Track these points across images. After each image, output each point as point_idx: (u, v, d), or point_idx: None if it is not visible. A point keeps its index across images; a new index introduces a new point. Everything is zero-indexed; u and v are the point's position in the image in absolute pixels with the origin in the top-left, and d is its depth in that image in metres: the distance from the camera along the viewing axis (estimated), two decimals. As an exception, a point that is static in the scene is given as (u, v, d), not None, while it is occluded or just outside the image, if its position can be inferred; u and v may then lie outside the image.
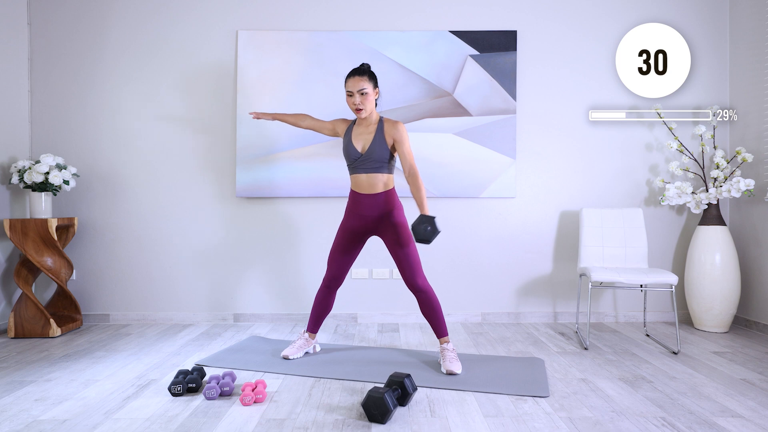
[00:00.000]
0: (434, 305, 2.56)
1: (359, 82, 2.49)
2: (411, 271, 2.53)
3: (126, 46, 3.57)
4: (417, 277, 2.54)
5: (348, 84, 2.51)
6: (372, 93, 2.52)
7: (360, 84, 2.48)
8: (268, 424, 1.89)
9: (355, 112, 2.53)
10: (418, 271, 2.55)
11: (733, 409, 2.04)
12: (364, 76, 2.50)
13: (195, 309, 3.59)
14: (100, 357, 2.74)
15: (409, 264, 2.53)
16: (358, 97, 2.49)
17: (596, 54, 3.61)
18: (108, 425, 1.87)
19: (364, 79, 2.50)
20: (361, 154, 2.54)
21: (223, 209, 3.59)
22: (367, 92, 2.49)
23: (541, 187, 3.63)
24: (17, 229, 3.14)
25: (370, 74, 2.54)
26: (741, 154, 3.33)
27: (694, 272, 3.35)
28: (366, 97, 2.50)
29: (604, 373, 2.48)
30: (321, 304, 2.73)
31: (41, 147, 3.54)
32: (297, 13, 3.58)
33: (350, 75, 2.52)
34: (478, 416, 1.96)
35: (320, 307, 2.73)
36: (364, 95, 2.49)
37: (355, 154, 2.56)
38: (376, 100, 2.58)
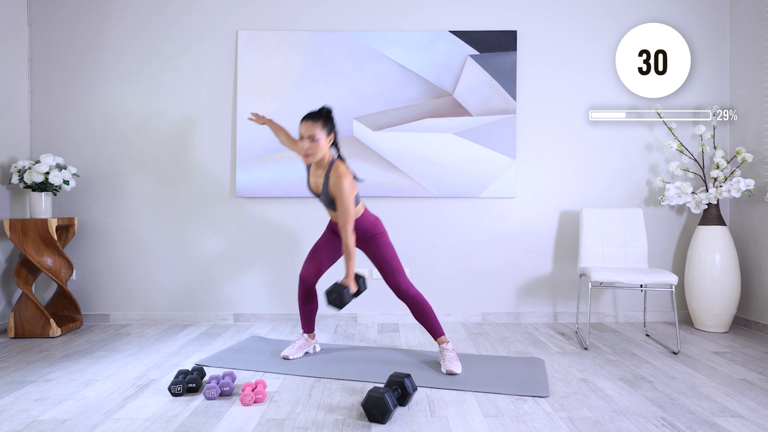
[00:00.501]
0: (425, 308, 2.57)
1: (312, 128, 2.40)
2: (393, 276, 2.56)
3: (126, 46, 3.57)
4: (400, 280, 2.56)
5: (301, 127, 2.43)
6: (324, 140, 2.42)
7: (312, 130, 2.40)
8: (268, 424, 1.89)
9: (303, 157, 2.46)
10: (401, 275, 2.57)
11: (733, 409, 2.04)
12: (318, 121, 2.42)
13: (195, 309, 3.59)
14: (100, 357, 2.74)
15: (391, 270, 2.56)
16: (308, 143, 2.41)
17: (596, 54, 3.61)
18: (108, 425, 1.87)
19: (318, 126, 2.41)
20: (316, 194, 2.56)
21: (223, 209, 3.59)
22: (318, 139, 2.40)
23: (541, 187, 3.63)
24: (17, 229, 3.14)
25: (326, 119, 2.45)
26: (741, 154, 3.33)
27: (694, 272, 3.35)
28: (316, 144, 2.40)
29: (604, 373, 2.48)
30: (303, 303, 2.72)
31: (41, 147, 3.54)
32: (297, 13, 3.58)
33: (304, 118, 2.44)
34: (478, 416, 1.96)
35: (304, 306, 2.73)
36: (315, 142, 2.41)
37: (311, 191, 2.59)
38: (334, 143, 2.52)
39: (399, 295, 2.58)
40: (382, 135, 3.54)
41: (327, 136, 2.44)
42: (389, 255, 2.57)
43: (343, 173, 2.39)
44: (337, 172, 2.40)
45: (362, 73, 3.54)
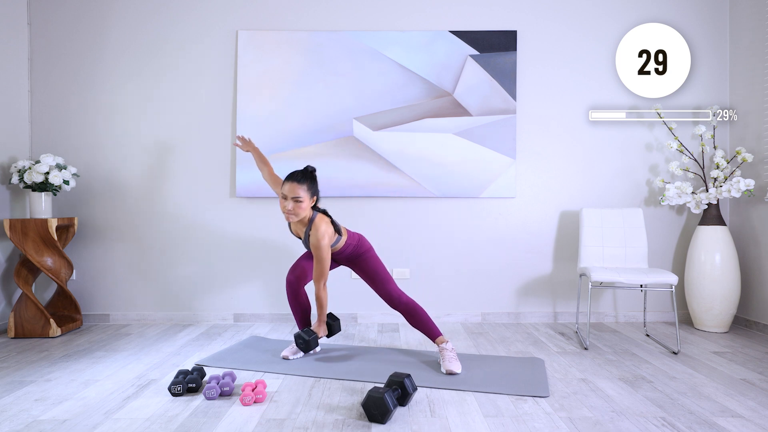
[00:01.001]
0: (419, 313, 2.60)
1: (296, 189, 2.43)
2: (383, 286, 2.62)
3: (126, 46, 3.57)
4: (391, 288, 2.61)
5: (284, 187, 2.45)
6: (307, 201, 2.47)
7: (296, 191, 2.43)
8: (268, 424, 1.89)
9: (285, 216, 2.48)
10: (391, 284, 2.63)
11: (733, 409, 2.03)
12: (303, 183, 2.44)
13: (195, 309, 3.59)
14: (100, 357, 2.74)
15: (380, 281, 2.63)
16: (291, 203, 2.44)
17: (596, 54, 3.61)
18: (108, 425, 1.87)
19: (302, 188, 2.44)
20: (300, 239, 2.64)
21: (223, 209, 3.59)
22: (302, 200, 2.43)
23: (541, 187, 3.63)
24: (17, 229, 3.14)
25: (311, 180, 2.49)
26: (741, 154, 3.33)
27: (694, 272, 3.35)
28: (299, 205, 2.44)
29: (604, 373, 2.48)
30: (294, 304, 2.74)
31: (41, 147, 3.54)
32: (297, 13, 3.58)
33: (288, 178, 2.46)
34: (478, 416, 1.96)
35: (296, 307, 2.75)
36: (298, 203, 2.43)
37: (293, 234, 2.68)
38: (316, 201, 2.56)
39: (391, 304, 2.62)
40: (382, 135, 3.54)
41: (310, 198, 2.49)
42: (377, 267, 2.65)
43: (323, 234, 2.46)
44: (317, 233, 2.46)
45: (362, 73, 3.54)
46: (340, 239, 2.58)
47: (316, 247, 2.47)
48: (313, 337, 2.54)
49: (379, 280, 2.63)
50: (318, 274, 2.50)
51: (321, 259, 2.48)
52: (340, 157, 3.52)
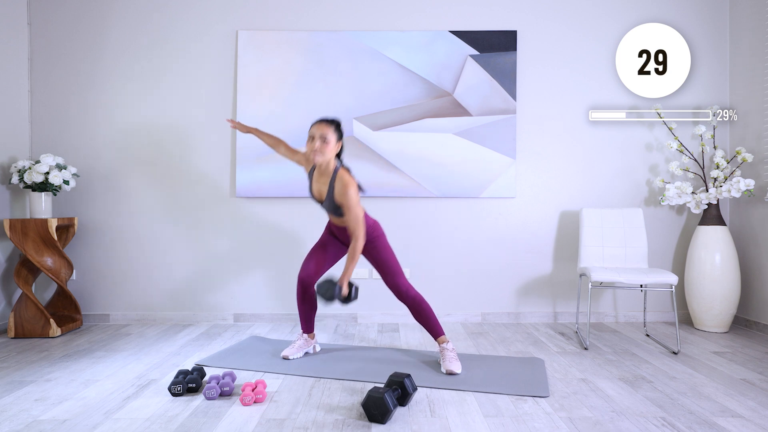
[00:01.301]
0: (425, 309, 2.58)
1: (324, 128, 2.47)
2: (393, 277, 2.57)
3: (126, 46, 3.57)
4: (400, 281, 2.57)
5: (312, 128, 2.49)
6: (333, 143, 2.48)
7: (324, 130, 2.46)
8: (268, 424, 1.89)
9: (311, 154, 2.46)
10: (400, 277, 2.59)
11: (733, 409, 2.04)
12: (330, 125, 2.49)
13: (195, 309, 3.59)
14: (100, 357, 2.74)
15: (390, 271, 2.58)
16: (319, 142, 2.45)
17: (596, 54, 3.61)
18: (108, 425, 1.87)
19: (330, 129, 2.47)
20: (319, 201, 2.59)
21: (223, 209, 3.59)
22: (329, 140, 2.45)
23: (541, 187, 3.63)
24: (17, 229, 3.14)
25: (337, 126, 2.52)
26: (741, 154, 3.33)
27: (694, 272, 3.35)
28: (326, 145, 2.45)
29: (604, 373, 2.48)
30: (302, 304, 2.71)
31: (41, 147, 3.54)
32: (297, 13, 3.58)
33: (317, 121, 2.51)
34: (478, 416, 1.96)
35: (303, 306, 2.72)
36: (325, 143, 2.45)
37: (314, 198, 2.62)
38: (339, 154, 2.57)
39: (399, 297, 2.58)
40: (382, 135, 3.54)
41: (336, 142, 2.50)
42: (388, 257, 2.59)
43: (349, 182, 2.43)
44: (343, 180, 2.43)
45: (362, 73, 3.54)
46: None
47: (343, 196, 2.41)
48: (338, 287, 2.36)
49: (390, 271, 2.58)
50: (354, 224, 2.42)
51: (353, 211, 2.41)
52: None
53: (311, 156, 2.47)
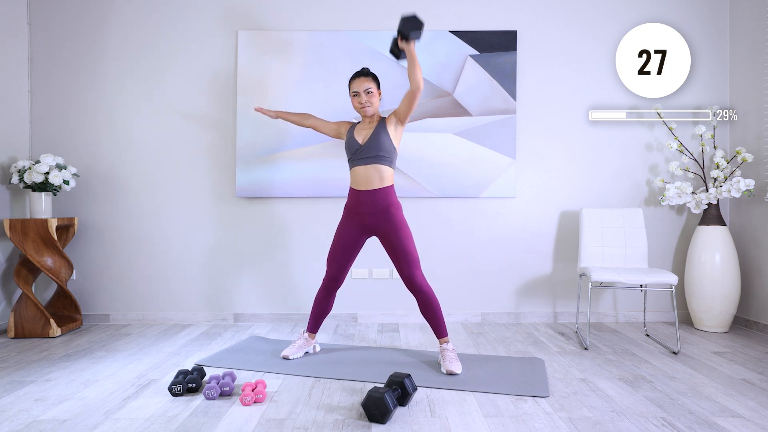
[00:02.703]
0: (434, 305, 2.56)
1: (364, 82, 2.59)
2: (409, 267, 2.51)
3: (126, 46, 3.57)
4: (415, 272, 2.52)
5: (353, 85, 2.61)
6: (376, 93, 2.62)
7: (365, 84, 2.58)
8: (268, 424, 1.89)
9: (361, 110, 2.60)
10: (417, 267, 2.53)
11: (733, 409, 2.04)
12: (368, 77, 2.61)
13: (195, 309, 3.59)
14: (100, 357, 2.74)
15: (407, 259, 2.51)
16: (365, 96, 2.58)
17: (596, 54, 3.61)
18: (108, 425, 1.87)
19: (369, 80, 2.60)
20: (361, 145, 2.57)
21: (223, 209, 3.59)
22: (372, 91, 2.59)
23: (541, 187, 3.63)
24: (17, 229, 3.14)
25: (374, 76, 2.64)
26: (741, 154, 3.33)
27: (694, 272, 3.35)
28: (371, 96, 2.59)
29: (604, 373, 2.48)
30: (320, 305, 2.73)
31: (41, 147, 3.54)
32: (297, 13, 3.58)
33: (354, 77, 2.62)
34: (478, 416, 1.96)
35: (320, 307, 2.73)
36: (370, 94, 2.58)
37: (355, 145, 2.59)
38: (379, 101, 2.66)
39: (411, 288, 2.54)
40: (382, 135, 3.53)
41: (378, 90, 2.63)
42: (407, 244, 2.52)
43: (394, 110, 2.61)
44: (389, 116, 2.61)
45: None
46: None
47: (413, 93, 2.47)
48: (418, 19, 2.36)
49: (405, 259, 2.51)
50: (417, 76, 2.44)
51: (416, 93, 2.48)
52: (341, 157, 3.52)
53: (361, 110, 2.59)
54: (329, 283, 2.68)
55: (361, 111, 2.61)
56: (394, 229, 2.52)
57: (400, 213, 2.57)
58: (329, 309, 2.76)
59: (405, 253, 2.52)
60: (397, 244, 2.51)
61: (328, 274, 2.67)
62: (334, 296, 2.75)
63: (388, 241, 2.54)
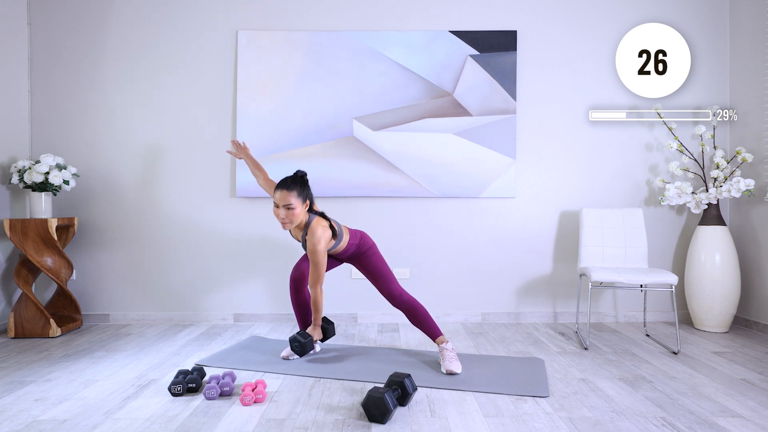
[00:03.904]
0: (420, 312, 2.61)
1: (286, 196, 2.40)
2: (386, 285, 2.61)
3: (126, 46, 3.57)
4: (392, 287, 2.61)
5: (275, 196, 2.43)
6: (300, 207, 2.43)
7: (287, 199, 2.40)
8: (268, 424, 1.89)
9: (282, 225, 2.46)
10: (393, 283, 2.62)
11: (733, 409, 2.03)
12: (293, 190, 2.41)
13: (195, 309, 3.59)
14: (100, 357, 2.74)
15: (383, 279, 2.62)
16: (284, 212, 2.42)
17: (596, 54, 3.61)
18: (108, 425, 1.87)
19: (293, 194, 2.41)
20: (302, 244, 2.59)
21: (223, 209, 3.59)
22: (294, 207, 2.41)
23: (541, 187, 3.63)
24: (17, 229, 3.14)
25: (301, 186, 2.45)
26: (741, 154, 3.33)
27: (694, 272, 3.35)
28: (292, 212, 2.42)
29: (604, 373, 2.48)
30: (296, 302, 2.75)
31: (41, 147, 3.54)
32: (297, 13, 3.58)
33: (278, 187, 2.44)
34: (478, 416, 1.96)
35: (298, 305, 2.76)
36: (290, 210, 2.42)
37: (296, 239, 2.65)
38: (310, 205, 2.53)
39: (393, 303, 2.62)
40: (382, 135, 3.54)
41: (303, 203, 2.46)
42: (379, 266, 2.64)
43: (318, 239, 2.42)
44: (313, 238, 2.43)
45: (362, 73, 3.54)
46: (339, 242, 2.57)
47: (312, 252, 2.44)
48: (309, 339, 2.57)
49: (381, 278, 2.62)
50: (314, 279, 2.49)
51: (317, 264, 2.46)
52: (340, 157, 3.52)
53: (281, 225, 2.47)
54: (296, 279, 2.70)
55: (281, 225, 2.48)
56: (365, 259, 2.65)
57: (365, 246, 2.64)
58: (307, 304, 2.76)
59: (378, 273, 2.63)
60: (370, 268, 2.64)
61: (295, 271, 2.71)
62: (304, 291, 2.74)
63: (363, 269, 2.68)
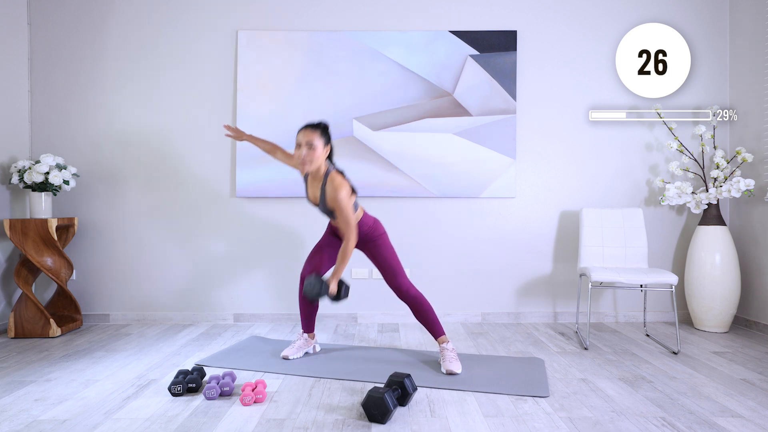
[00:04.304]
0: (426, 308, 2.59)
1: (310, 134, 2.42)
2: (394, 277, 2.58)
3: (126, 46, 3.57)
4: (401, 281, 2.58)
5: (298, 135, 2.45)
6: (321, 149, 2.43)
7: (310, 137, 2.41)
8: (268, 424, 1.89)
9: (300, 163, 2.44)
10: (402, 276, 2.59)
11: (733, 409, 2.04)
12: (316, 130, 2.44)
13: (195, 309, 3.59)
14: (100, 357, 2.74)
15: (392, 271, 2.59)
16: (305, 150, 2.41)
17: (596, 54, 3.61)
18: (108, 425, 1.87)
19: (316, 134, 2.43)
20: (315, 205, 2.57)
21: (223, 209, 3.59)
22: (316, 146, 2.41)
23: (541, 187, 3.63)
24: (17, 229, 3.14)
25: (324, 131, 2.47)
26: (741, 154, 3.33)
27: (694, 272, 3.35)
28: (313, 152, 2.41)
29: (604, 373, 2.48)
30: (304, 302, 2.72)
31: (41, 147, 3.54)
32: (297, 13, 3.58)
33: (302, 128, 2.46)
34: (478, 416, 1.96)
35: (305, 305, 2.73)
36: (312, 149, 2.41)
37: (310, 202, 2.60)
38: (330, 155, 2.53)
39: (400, 296, 2.59)
40: (382, 135, 3.54)
41: (324, 146, 2.46)
42: (389, 256, 2.60)
43: (340, 184, 2.41)
44: (334, 183, 2.42)
45: (362, 73, 3.54)
46: (357, 207, 2.55)
47: (334, 199, 2.41)
48: (325, 286, 2.37)
49: (390, 270, 2.59)
50: (346, 230, 2.42)
51: (343, 209, 2.39)
52: (340, 157, 3.52)
53: (299, 165, 2.46)
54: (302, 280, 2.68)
55: (299, 166, 2.47)
56: (375, 247, 2.61)
57: (377, 232, 2.62)
58: (315, 306, 2.75)
59: (388, 264, 2.60)
60: (380, 258, 2.61)
61: (302, 271, 2.68)
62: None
63: (372, 256, 2.64)
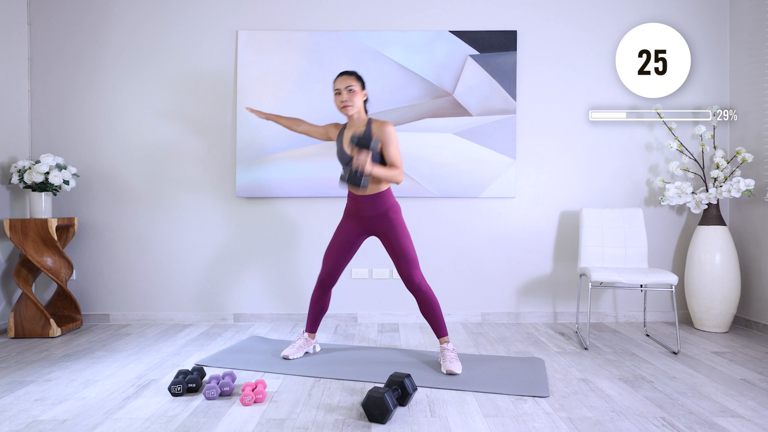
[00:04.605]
0: (433, 305, 2.56)
1: (346, 80, 2.53)
2: (408, 266, 2.54)
3: (126, 46, 3.57)
4: (414, 272, 2.54)
5: (336, 83, 2.56)
6: (359, 92, 2.55)
7: (347, 81, 2.53)
8: (268, 424, 1.89)
9: (342, 109, 2.54)
10: (415, 267, 2.55)
11: (733, 409, 2.04)
12: (351, 75, 2.56)
13: (195, 309, 3.59)
14: (100, 357, 2.74)
15: (406, 260, 2.54)
16: (345, 94, 2.52)
17: (596, 54, 3.61)
18: (108, 425, 1.87)
19: (352, 78, 2.54)
20: (351, 157, 2.53)
21: (223, 209, 3.59)
22: (354, 90, 2.52)
23: (541, 187, 3.63)
24: (17, 229, 3.14)
25: (358, 76, 2.59)
26: (741, 154, 3.33)
27: (694, 272, 3.35)
28: (353, 95, 2.52)
29: (604, 373, 2.48)
30: (317, 303, 2.72)
31: (41, 147, 3.54)
32: (297, 13, 3.58)
33: (339, 75, 2.57)
34: (478, 416, 1.96)
35: (316, 306, 2.73)
36: (351, 92, 2.52)
37: (346, 156, 2.56)
38: (365, 103, 2.60)
39: (410, 288, 2.56)
40: (382, 135, 3.53)
41: (362, 90, 2.57)
42: (406, 244, 2.56)
43: (386, 121, 2.53)
44: (380, 121, 2.54)
45: (362, 73, 3.52)
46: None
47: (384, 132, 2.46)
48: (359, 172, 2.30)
49: (405, 260, 2.55)
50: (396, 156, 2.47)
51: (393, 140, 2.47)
52: (340, 157, 3.52)
53: (342, 109, 2.54)
54: (325, 280, 2.67)
55: (342, 110, 2.55)
56: (393, 231, 2.55)
57: (398, 215, 2.59)
58: (326, 307, 2.75)
59: (404, 253, 2.55)
60: (396, 244, 2.55)
61: (323, 271, 2.67)
62: (330, 294, 2.74)
63: (388, 242, 2.57)
